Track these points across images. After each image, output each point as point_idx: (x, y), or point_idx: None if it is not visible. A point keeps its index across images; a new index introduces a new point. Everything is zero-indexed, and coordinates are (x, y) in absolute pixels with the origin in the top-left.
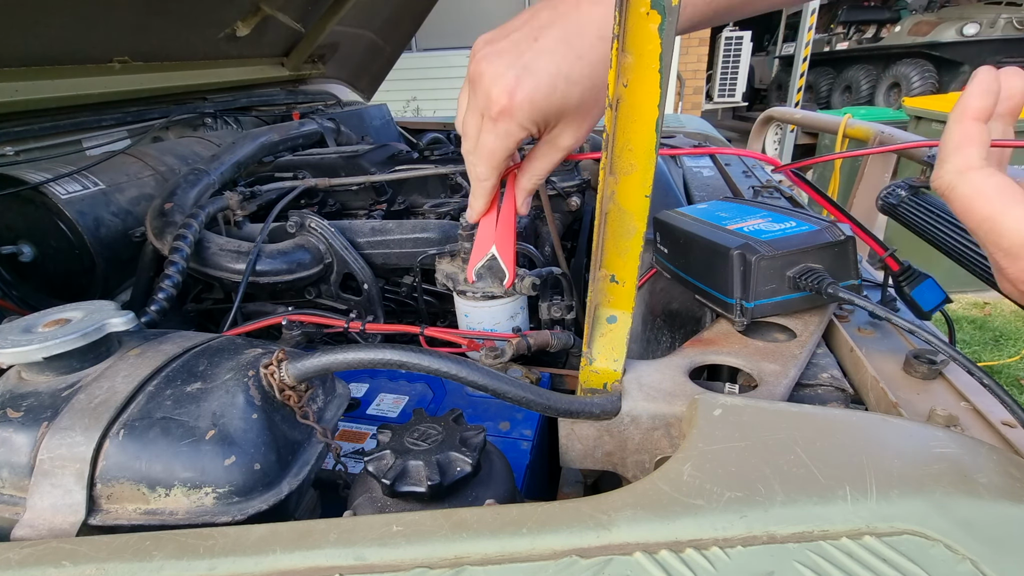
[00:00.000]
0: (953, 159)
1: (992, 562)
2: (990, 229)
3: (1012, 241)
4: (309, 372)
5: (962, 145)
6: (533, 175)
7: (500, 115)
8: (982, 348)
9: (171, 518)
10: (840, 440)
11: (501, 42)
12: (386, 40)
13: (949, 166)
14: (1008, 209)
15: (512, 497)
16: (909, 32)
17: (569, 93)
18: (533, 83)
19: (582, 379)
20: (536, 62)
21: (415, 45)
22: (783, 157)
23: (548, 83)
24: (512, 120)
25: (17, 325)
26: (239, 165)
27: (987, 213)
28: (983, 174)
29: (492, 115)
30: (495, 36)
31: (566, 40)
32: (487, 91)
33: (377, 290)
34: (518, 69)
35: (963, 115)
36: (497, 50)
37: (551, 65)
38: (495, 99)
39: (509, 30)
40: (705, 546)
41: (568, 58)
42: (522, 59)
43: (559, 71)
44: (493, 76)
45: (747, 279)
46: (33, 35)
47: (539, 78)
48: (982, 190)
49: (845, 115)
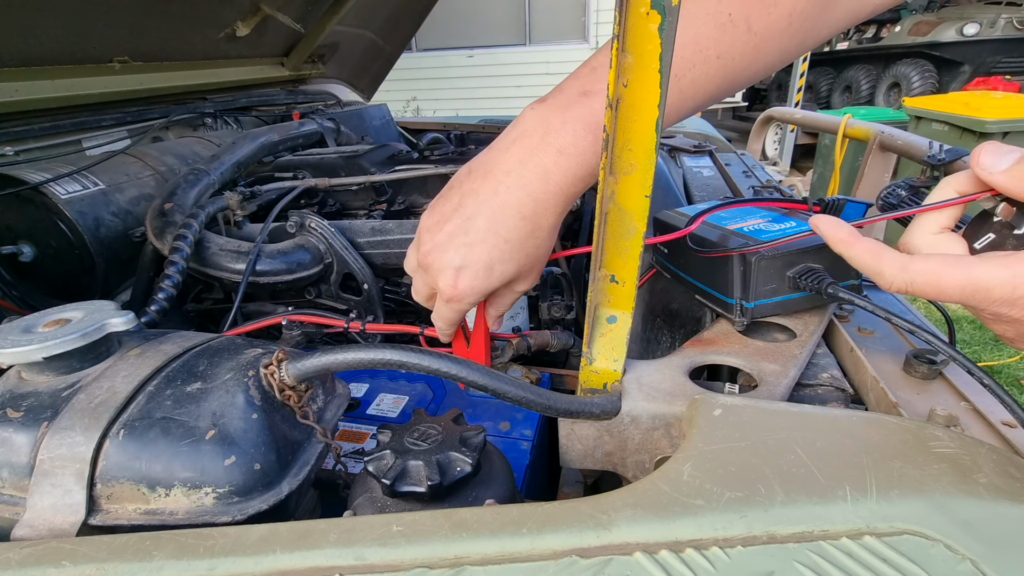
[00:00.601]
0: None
1: (992, 562)
2: (974, 290)
3: (1002, 289)
4: (309, 372)
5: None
6: (498, 307)
7: (450, 300)
8: (982, 348)
9: (171, 518)
10: (840, 440)
11: (439, 235)
12: (386, 40)
13: (888, 275)
14: (973, 267)
15: (512, 497)
16: (909, 32)
17: (505, 270)
18: (471, 274)
19: (582, 379)
20: (470, 255)
21: (415, 45)
22: (783, 157)
23: (484, 269)
24: (460, 303)
25: (17, 325)
26: (239, 165)
27: (961, 282)
28: (921, 260)
29: (444, 299)
30: (433, 224)
31: (491, 229)
32: (435, 282)
33: (377, 290)
34: (456, 263)
35: (849, 243)
36: (438, 245)
37: (482, 254)
38: (443, 289)
39: (443, 219)
40: (705, 546)
41: (496, 244)
42: (459, 254)
43: (491, 257)
44: (438, 270)
45: (747, 279)
46: (33, 35)
47: (475, 268)
48: (937, 270)
49: (845, 115)
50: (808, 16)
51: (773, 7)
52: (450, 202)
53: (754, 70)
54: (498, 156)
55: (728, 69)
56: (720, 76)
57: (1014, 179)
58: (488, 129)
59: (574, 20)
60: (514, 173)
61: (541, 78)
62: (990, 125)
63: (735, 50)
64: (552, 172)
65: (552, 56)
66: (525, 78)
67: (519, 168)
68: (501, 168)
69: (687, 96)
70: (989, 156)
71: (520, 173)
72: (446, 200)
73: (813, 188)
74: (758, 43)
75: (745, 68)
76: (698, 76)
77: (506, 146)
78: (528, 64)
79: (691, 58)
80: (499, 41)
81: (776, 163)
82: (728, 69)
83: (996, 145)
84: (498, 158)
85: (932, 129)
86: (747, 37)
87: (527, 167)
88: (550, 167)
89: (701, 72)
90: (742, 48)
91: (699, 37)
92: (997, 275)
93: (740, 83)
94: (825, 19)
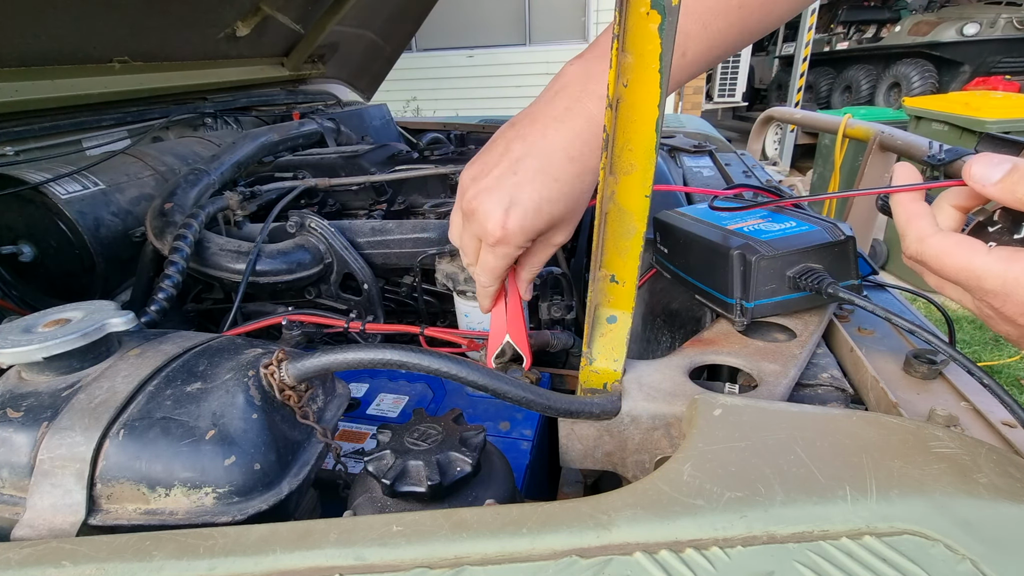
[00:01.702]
0: (908, 234)
1: (992, 562)
2: (969, 276)
3: (993, 280)
4: (309, 372)
5: (910, 221)
6: (531, 268)
7: (497, 243)
8: (982, 348)
9: (171, 518)
10: (840, 440)
11: (485, 179)
12: (386, 40)
13: (908, 241)
14: (975, 256)
15: (512, 497)
16: (909, 32)
17: (553, 211)
18: (520, 212)
19: (582, 379)
20: (519, 194)
21: (415, 45)
22: (783, 157)
23: (533, 208)
24: (508, 245)
25: (17, 325)
26: (239, 165)
27: (960, 264)
28: (939, 236)
29: (490, 243)
30: (479, 172)
31: (541, 168)
32: (482, 225)
33: (377, 290)
34: (505, 203)
35: (902, 197)
36: (485, 188)
37: (533, 192)
38: (491, 231)
39: (490, 165)
40: (705, 546)
41: (546, 183)
42: (507, 194)
43: (540, 196)
44: (485, 213)
45: (747, 279)
46: (33, 35)
47: (525, 206)
48: (945, 248)
49: (845, 115)
50: None
51: None
52: (495, 150)
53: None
54: (543, 107)
55: (748, 19)
56: (740, 25)
57: (1006, 190)
58: (488, 129)
59: (574, 20)
60: (560, 118)
61: (541, 78)
62: (990, 125)
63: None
64: (596, 115)
65: (552, 56)
66: (525, 78)
67: (564, 114)
68: (547, 115)
69: (715, 44)
70: (981, 168)
71: (566, 118)
72: (490, 150)
73: (813, 188)
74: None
75: (762, 18)
76: (723, 25)
77: (550, 97)
78: (528, 64)
79: (716, 8)
80: (499, 41)
81: (776, 163)
82: (748, 19)
83: (988, 156)
84: (543, 108)
85: (932, 129)
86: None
87: (572, 112)
88: (593, 110)
89: (725, 22)
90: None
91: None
92: (992, 268)
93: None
94: None
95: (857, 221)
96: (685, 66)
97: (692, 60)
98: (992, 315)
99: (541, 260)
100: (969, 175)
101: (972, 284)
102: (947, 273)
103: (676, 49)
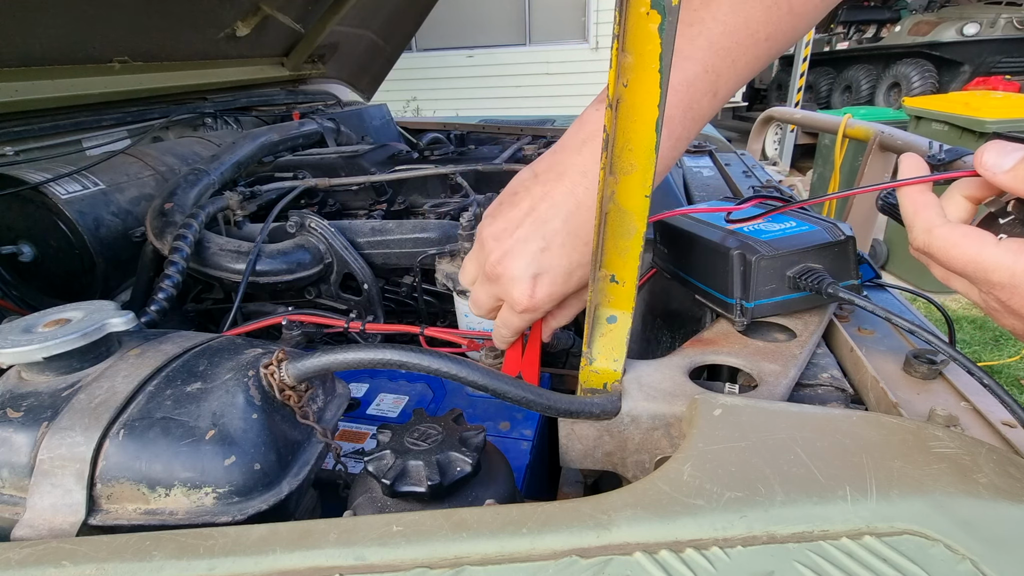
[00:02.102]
0: (915, 225)
1: (992, 562)
2: (976, 268)
3: (1002, 272)
4: (309, 372)
5: (918, 212)
6: (562, 319)
7: (524, 311)
8: (982, 348)
9: (171, 518)
10: (840, 440)
11: (509, 241)
12: (386, 40)
13: (915, 232)
14: (984, 247)
15: (512, 497)
16: (909, 32)
17: (584, 275)
18: (549, 280)
19: (582, 379)
20: (547, 261)
21: (415, 45)
22: (783, 157)
23: (563, 275)
24: (536, 312)
25: (17, 325)
26: (239, 165)
27: (968, 256)
28: (947, 227)
29: (517, 310)
30: (501, 231)
31: (570, 231)
32: (508, 292)
33: (377, 290)
34: (533, 270)
35: (909, 188)
36: (510, 252)
37: (563, 259)
38: (518, 300)
39: (514, 224)
40: (705, 546)
41: (576, 247)
42: (535, 261)
43: (571, 262)
44: (511, 280)
45: (747, 279)
46: (33, 35)
47: (554, 274)
48: (952, 240)
49: (845, 115)
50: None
51: None
52: (519, 207)
53: (785, 48)
54: (570, 157)
55: (772, 50)
56: (766, 57)
57: (1018, 178)
58: (488, 129)
59: (574, 20)
60: (591, 174)
61: (541, 78)
62: (990, 125)
63: (780, 31)
64: None
65: (552, 56)
66: (525, 78)
67: (595, 168)
68: (576, 169)
69: (742, 78)
70: (993, 155)
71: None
72: (512, 205)
73: (813, 188)
74: (796, 22)
75: (783, 47)
76: (750, 59)
77: (577, 147)
78: (528, 64)
79: (744, 43)
80: (499, 41)
81: (776, 163)
82: (772, 50)
83: (1000, 144)
84: (570, 159)
85: (932, 129)
86: (789, 18)
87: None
88: None
89: (752, 55)
90: (785, 28)
91: (749, 21)
92: (1002, 260)
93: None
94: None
95: (857, 221)
96: (717, 104)
97: (724, 97)
98: (998, 308)
99: (572, 314)
100: (981, 163)
101: (979, 276)
102: (954, 265)
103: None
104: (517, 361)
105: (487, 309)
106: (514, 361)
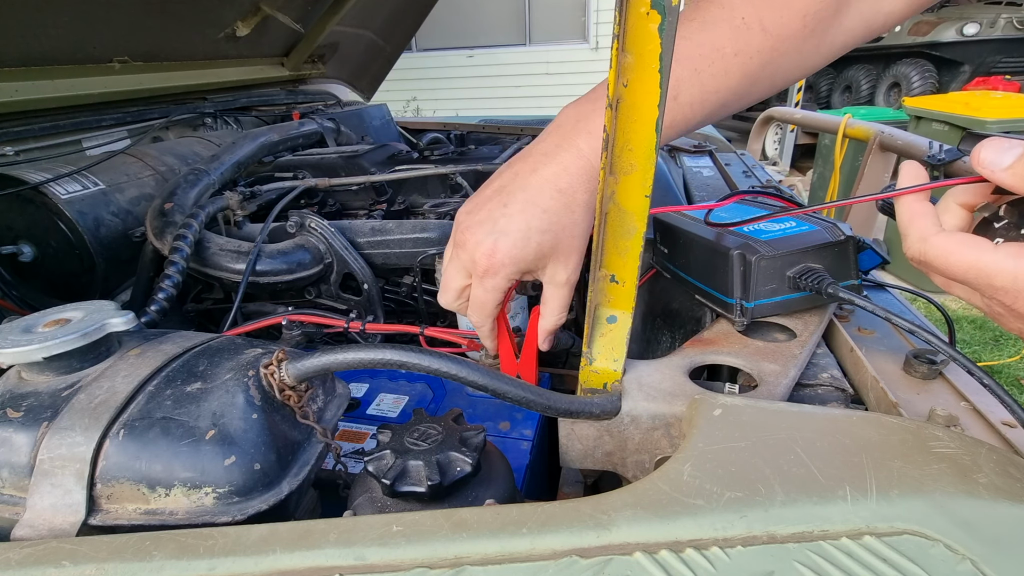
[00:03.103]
0: (910, 234)
1: (992, 562)
2: (977, 274)
3: (1004, 277)
4: (309, 372)
5: (912, 221)
6: (551, 316)
7: (485, 273)
8: (982, 348)
9: (171, 518)
10: (840, 440)
11: (478, 213)
12: (386, 40)
13: (910, 241)
14: (983, 253)
15: (512, 497)
16: (909, 32)
17: (542, 240)
18: (509, 241)
19: (582, 379)
20: (508, 224)
21: (415, 45)
22: (783, 157)
23: (522, 238)
24: (496, 276)
25: (17, 325)
26: (239, 165)
27: (968, 263)
28: (942, 236)
29: (479, 274)
30: (473, 207)
31: (529, 199)
32: (471, 255)
33: (377, 290)
34: (495, 234)
35: (905, 197)
36: (477, 220)
37: (521, 222)
38: (479, 261)
39: (483, 201)
40: (705, 546)
41: (535, 213)
42: (497, 225)
43: (528, 225)
44: (475, 243)
45: (747, 279)
46: (33, 35)
47: (513, 236)
48: (949, 248)
49: (845, 115)
50: (822, 19)
51: (785, 8)
52: (490, 187)
53: (774, 68)
54: (536, 145)
55: (747, 66)
56: (740, 72)
57: (1018, 175)
58: (488, 129)
59: (574, 20)
60: (550, 154)
61: (541, 78)
62: (990, 125)
63: (751, 48)
64: (584, 150)
65: (552, 56)
66: (525, 78)
67: (554, 149)
68: (538, 151)
69: (709, 89)
70: (991, 153)
71: (555, 153)
72: (485, 187)
73: (813, 188)
74: (774, 43)
75: (765, 65)
76: (717, 71)
77: (543, 136)
78: (528, 64)
79: (709, 55)
80: (499, 41)
81: (776, 163)
82: (747, 66)
83: (998, 141)
84: (536, 146)
85: (932, 129)
86: (762, 37)
87: (562, 148)
88: (582, 146)
89: (720, 68)
90: (758, 46)
91: (715, 39)
92: (1002, 264)
93: (764, 82)
94: (839, 24)
95: (857, 221)
96: (679, 109)
97: (687, 103)
98: (1003, 312)
99: (557, 306)
100: (978, 160)
101: (981, 282)
102: (954, 273)
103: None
104: (512, 362)
105: (458, 286)
106: (509, 361)
